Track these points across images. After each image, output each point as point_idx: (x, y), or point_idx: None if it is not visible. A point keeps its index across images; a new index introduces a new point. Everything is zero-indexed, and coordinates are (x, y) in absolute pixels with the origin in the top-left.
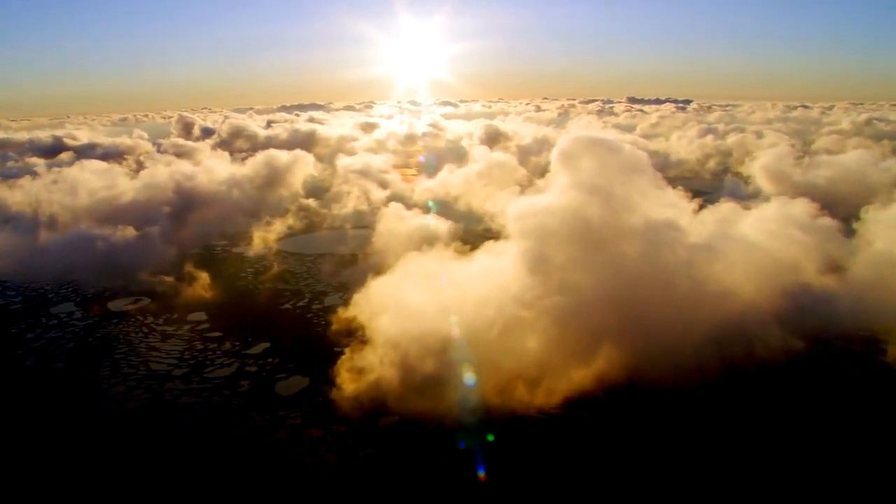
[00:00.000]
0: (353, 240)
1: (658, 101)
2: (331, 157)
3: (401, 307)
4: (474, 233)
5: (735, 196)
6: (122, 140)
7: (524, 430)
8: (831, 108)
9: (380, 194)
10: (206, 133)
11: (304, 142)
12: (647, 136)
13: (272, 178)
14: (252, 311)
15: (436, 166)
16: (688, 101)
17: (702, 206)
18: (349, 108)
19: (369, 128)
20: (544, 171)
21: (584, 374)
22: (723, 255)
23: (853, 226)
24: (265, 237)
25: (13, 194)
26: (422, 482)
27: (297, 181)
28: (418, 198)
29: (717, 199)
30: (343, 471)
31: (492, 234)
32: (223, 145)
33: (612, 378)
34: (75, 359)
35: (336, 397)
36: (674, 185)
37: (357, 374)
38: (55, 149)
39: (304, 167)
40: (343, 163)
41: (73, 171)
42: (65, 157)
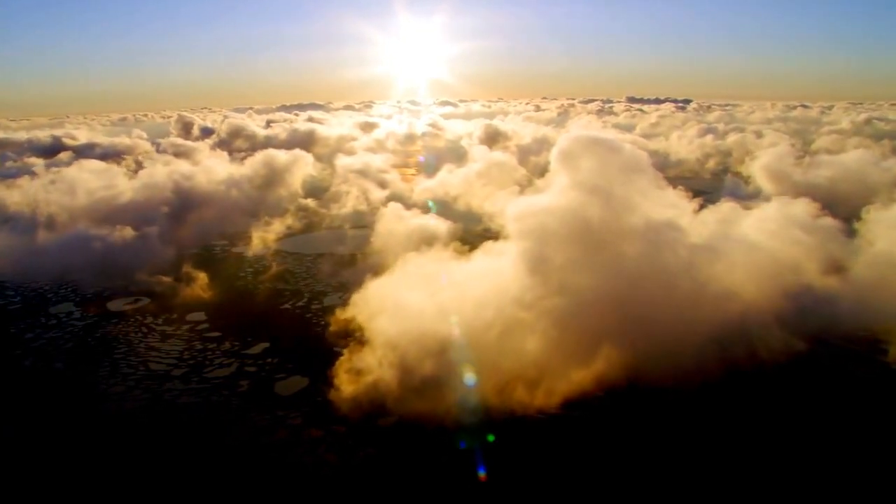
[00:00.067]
0: (352, 240)
1: (658, 101)
2: (330, 156)
3: (399, 308)
4: (473, 233)
5: (735, 196)
6: (121, 140)
7: (524, 430)
8: (831, 107)
9: (379, 194)
10: (206, 133)
11: (304, 141)
12: (646, 136)
13: (271, 177)
14: (251, 311)
15: (435, 166)
16: (687, 101)
17: (702, 206)
18: (349, 108)
19: (369, 127)
20: (544, 170)
21: (583, 375)
22: (723, 256)
23: (854, 226)
24: (264, 237)
25: (11, 194)
26: (422, 482)
27: (296, 181)
28: (417, 198)
29: (717, 199)
30: (343, 471)
31: (491, 235)
32: (222, 145)
33: (612, 379)
34: (74, 359)
35: (334, 398)
36: (674, 185)
37: (355, 376)
38: (54, 148)
39: (303, 167)
40: (342, 162)
41: (71, 170)
42: (64, 156)
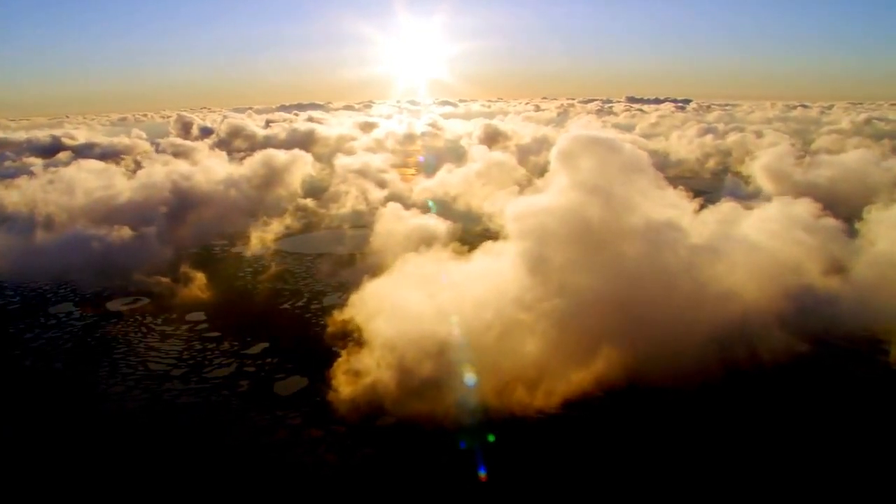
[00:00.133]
0: (351, 240)
1: (657, 101)
2: (329, 156)
3: (398, 309)
4: (473, 233)
5: (735, 196)
6: (121, 140)
7: (524, 431)
8: (830, 107)
9: (378, 194)
10: (205, 133)
11: (303, 141)
12: (646, 136)
13: (270, 177)
14: (251, 311)
15: (435, 166)
16: (687, 101)
17: (702, 206)
18: (348, 108)
19: (368, 127)
20: (543, 170)
21: (583, 376)
22: (724, 256)
23: (855, 226)
24: (263, 237)
25: (10, 194)
26: (422, 482)
27: (295, 181)
28: (417, 197)
29: (717, 199)
30: (342, 471)
31: (490, 235)
32: (222, 145)
33: (612, 379)
34: (74, 359)
35: (333, 400)
36: (674, 185)
37: (354, 377)
38: (53, 148)
39: (302, 167)
40: (342, 162)
41: (69, 170)
42: (63, 156)
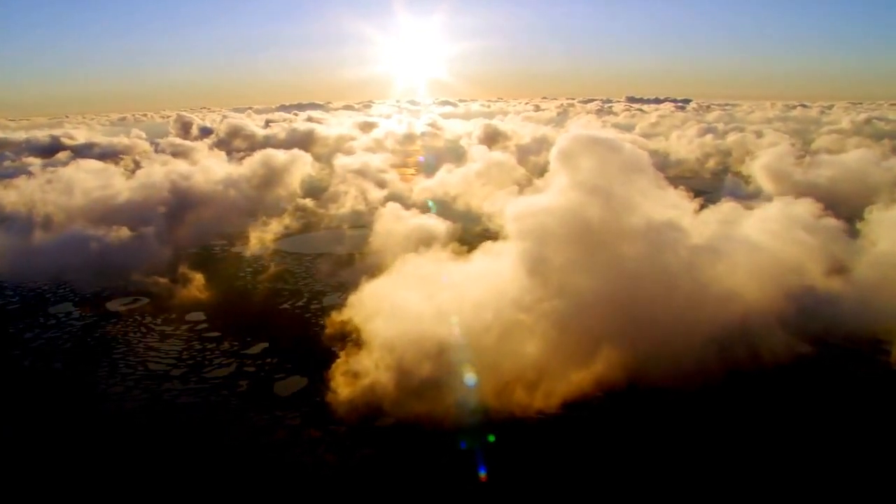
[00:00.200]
0: (350, 240)
1: (657, 101)
2: (329, 156)
3: (397, 310)
4: (472, 233)
5: (735, 195)
6: (120, 140)
7: (523, 432)
8: (830, 107)
9: (378, 194)
10: (205, 132)
11: (303, 141)
12: (646, 136)
13: (270, 177)
14: (250, 311)
15: (434, 166)
16: (687, 101)
17: (702, 206)
18: (348, 108)
19: (368, 127)
20: (543, 170)
21: (583, 377)
22: (725, 256)
23: (856, 226)
24: (263, 237)
25: (8, 194)
26: (421, 483)
27: (294, 181)
28: (416, 197)
29: (718, 199)
30: (342, 471)
31: (490, 235)
32: (221, 145)
33: (612, 380)
34: (73, 359)
35: (331, 401)
36: (674, 185)
37: (352, 378)
38: (52, 148)
39: (301, 167)
40: (341, 162)
41: (68, 170)
42: (62, 156)
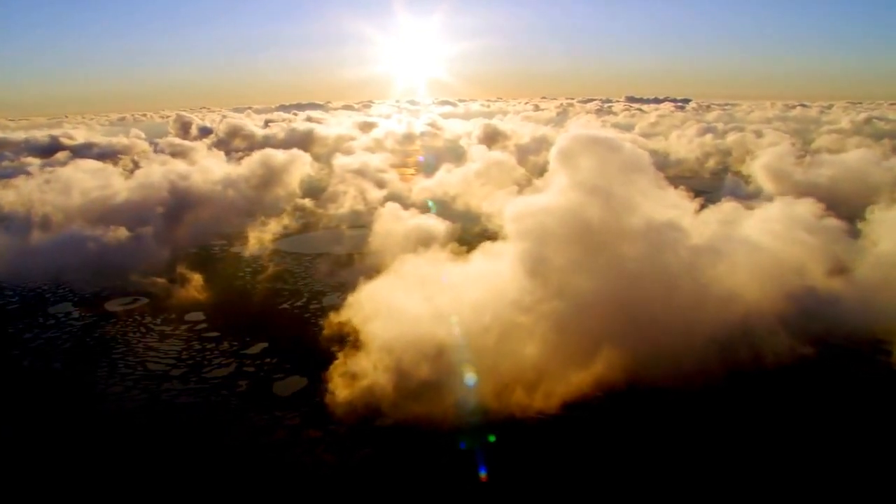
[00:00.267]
0: (350, 240)
1: (657, 101)
2: (328, 156)
3: (396, 310)
4: (472, 233)
5: (735, 195)
6: (119, 140)
7: (522, 432)
8: (830, 107)
9: (377, 194)
10: (204, 132)
11: (302, 141)
12: (646, 136)
13: (269, 177)
14: (250, 311)
15: (434, 166)
16: (686, 101)
17: (702, 206)
18: (348, 108)
19: (367, 127)
20: (543, 170)
21: (583, 378)
22: (725, 256)
23: (857, 226)
24: (262, 237)
25: (7, 194)
26: (421, 483)
27: (293, 181)
28: (416, 197)
29: (718, 199)
30: (341, 471)
31: (489, 235)
32: (220, 145)
33: (612, 382)
34: (73, 359)
35: (329, 403)
36: (673, 185)
37: (350, 380)
38: (51, 148)
39: (300, 167)
40: (340, 162)
41: (66, 170)
42: (61, 156)
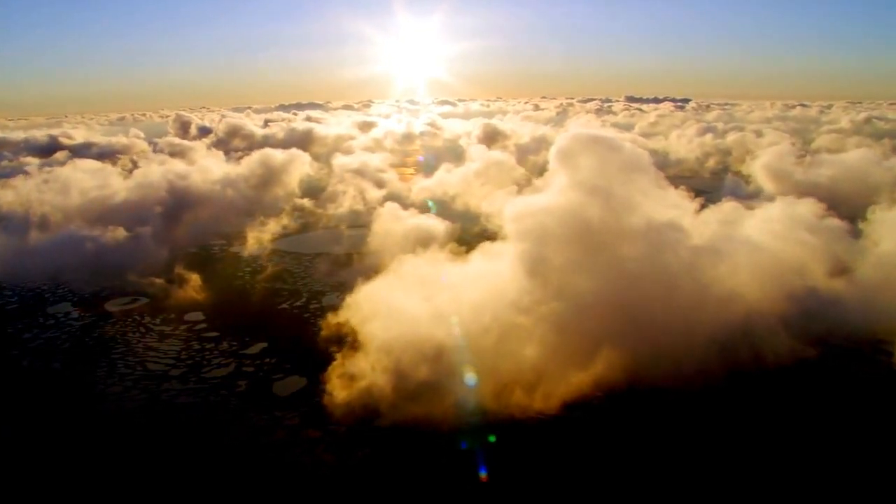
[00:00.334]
0: (349, 239)
1: (656, 100)
2: (328, 156)
3: (394, 311)
4: (471, 233)
5: (736, 195)
6: (118, 139)
7: (522, 433)
8: (830, 106)
9: (376, 194)
10: (203, 132)
11: (302, 141)
12: (645, 135)
13: (268, 177)
14: (249, 311)
15: (433, 165)
16: (686, 100)
17: (702, 206)
18: (347, 107)
19: (367, 127)
20: (542, 170)
21: (583, 379)
22: (726, 257)
23: (858, 226)
24: (261, 237)
25: (6, 194)
26: (420, 483)
27: (293, 180)
28: (415, 197)
29: (718, 199)
30: (341, 471)
31: (489, 235)
32: (220, 144)
33: (612, 382)
34: (72, 359)
35: (328, 403)
36: (674, 185)
37: (348, 381)
38: (50, 148)
39: (300, 166)
40: (340, 162)
41: (65, 170)
42: (60, 156)
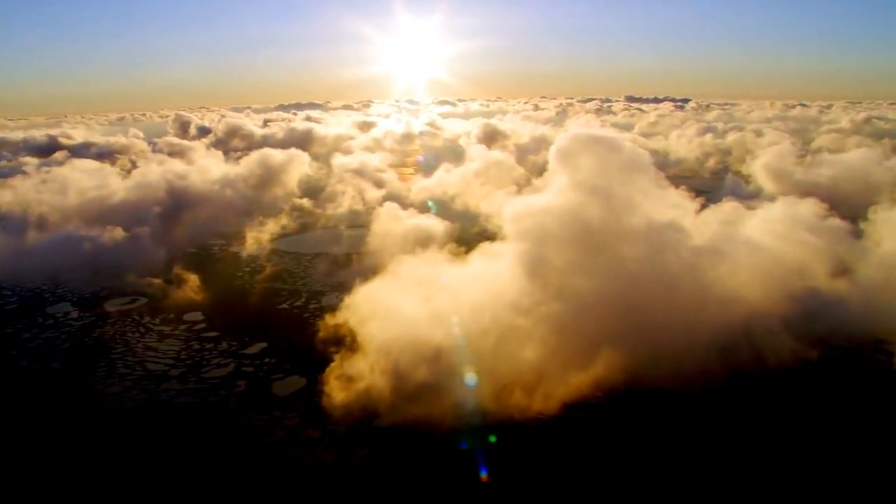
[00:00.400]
0: (348, 239)
1: (656, 100)
2: (327, 156)
3: (393, 312)
4: (471, 233)
5: (736, 195)
6: (118, 139)
7: (522, 434)
8: (829, 106)
9: (376, 194)
10: (203, 132)
11: (301, 141)
12: (645, 135)
13: (267, 177)
14: (249, 311)
15: (433, 165)
16: (686, 100)
17: (703, 206)
18: (347, 107)
19: (366, 127)
20: (542, 170)
21: (583, 380)
22: (727, 257)
23: (858, 226)
24: (260, 237)
25: (4, 194)
26: (421, 483)
27: (292, 180)
28: (415, 197)
29: (718, 199)
30: (340, 471)
31: (488, 235)
32: (219, 144)
33: (612, 383)
34: (71, 359)
35: (327, 404)
36: (674, 185)
37: (347, 383)
38: (50, 148)
39: (299, 166)
40: (339, 162)
41: (63, 170)
42: (59, 156)
